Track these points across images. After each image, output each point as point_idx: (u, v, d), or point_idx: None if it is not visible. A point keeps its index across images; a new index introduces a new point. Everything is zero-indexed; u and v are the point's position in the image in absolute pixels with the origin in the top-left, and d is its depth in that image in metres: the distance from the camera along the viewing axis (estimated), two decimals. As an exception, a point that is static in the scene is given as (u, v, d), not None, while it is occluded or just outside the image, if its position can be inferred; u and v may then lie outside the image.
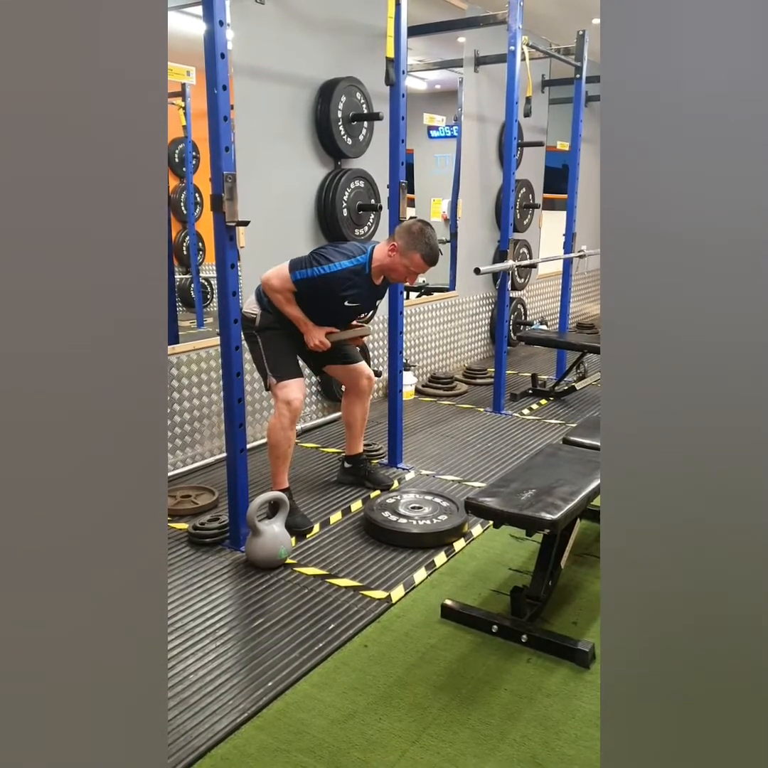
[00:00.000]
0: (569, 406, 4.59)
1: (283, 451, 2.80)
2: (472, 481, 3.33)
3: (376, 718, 1.82)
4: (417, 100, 6.13)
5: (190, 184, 4.64)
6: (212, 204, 2.35)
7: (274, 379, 2.79)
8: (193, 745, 1.72)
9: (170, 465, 3.29)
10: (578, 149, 4.85)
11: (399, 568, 2.54)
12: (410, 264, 2.70)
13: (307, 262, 2.70)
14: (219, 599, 2.34)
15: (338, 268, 2.67)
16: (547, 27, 5.55)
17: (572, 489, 2.16)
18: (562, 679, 1.97)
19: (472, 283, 5.41)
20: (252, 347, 2.86)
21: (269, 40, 3.40)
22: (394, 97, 3.14)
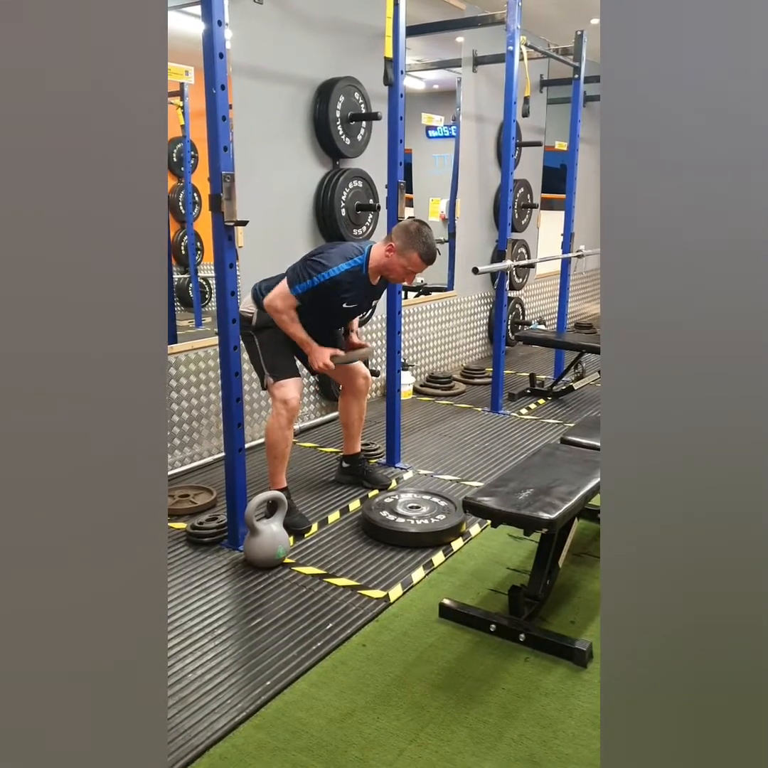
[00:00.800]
0: (567, 405, 4.60)
1: (281, 450, 2.80)
2: (470, 480, 3.33)
3: (375, 717, 1.82)
4: (415, 99, 6.13)
5: (188, 183, 4.63)
6: (211, 204, 2.35)
7: (271, 379, 2.79)
8: (191, 743, 1.72)
9: (169, 464, 3.29)
10: (576, 149, 4.86)
11: (397, 567, 2.54)
12: (408, 264, 2.70)
13: (305, 273, 2.67)
14: (217, 599, 2.34)
15: (337, 272, 2.66)
16: (546, 27, 5.56)
17: (570, 488, 2.16)
18: (560, 678, 1.97)
19: (470, 282, 5.41)
20: (249, 347, 2.85)
21: (267, 39, 3.40)
22: (393, 97, 3.14)
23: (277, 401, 2.77)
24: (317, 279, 2.65)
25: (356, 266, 2.71)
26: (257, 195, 3.43)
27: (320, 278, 2.65)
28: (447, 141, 6.14)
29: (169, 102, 4.13)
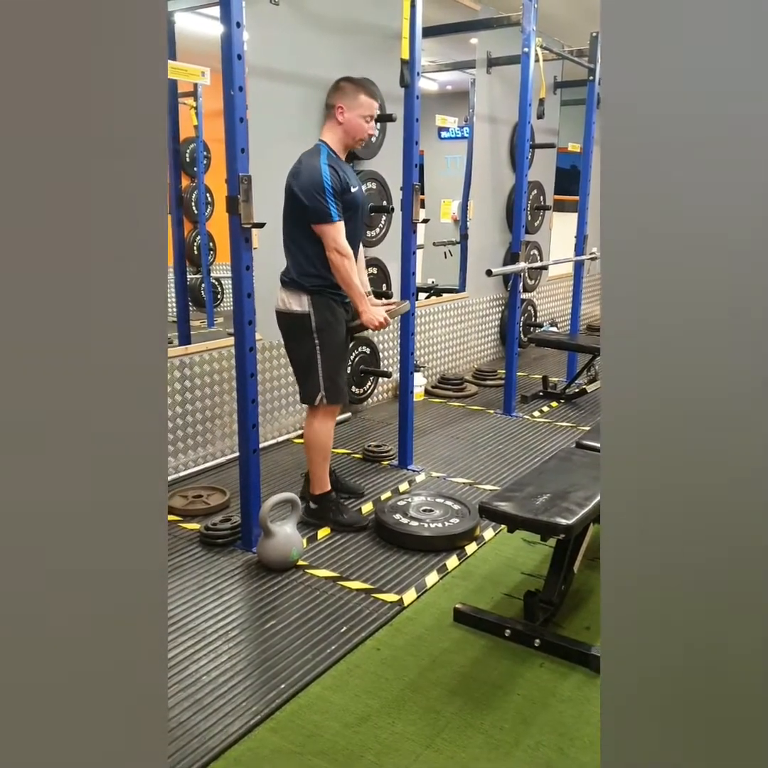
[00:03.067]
0: (580, 408, 4.58)
1: (329, 449, 2.83)
2: (483, 483, 3.32)
3: (390, 722, 1.81)
4: (428, 101, 6.11)
5: (201, 183, 4.65)
6: (228, 206, 2.36)
7: (326, 400, 2.73)
8: (207, 746, 1.72)
9: (182, 465, 3.29)
10: (590, 151, 4.84)
11: (411, 571, 2.54)
12: (361, 109, 2.69)
13: (317, 199, 2.55)
14: (231, 600, 2.34)
15: (325, 170, 2.57)
16: (560, 28, 5.53)
17: (587, 494, 2.15)
18: (576, 685, 1.96)
19: (482, 284, 5.40)
20: (301, 350, 2.73)
21: (283, 41, 3.40)
22: (409, 99, 3.13)
23: (324, 416, 2.77)
24: (327, 187, 2.55)
25: (325, 152, 2.64)
26: (271, 196, 3.42)
27: (327, 186, 2.55)
28: (459, 142, 6.14)
29: (183, 102, 4.14)
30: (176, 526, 2.83)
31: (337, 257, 2.60)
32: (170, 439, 3.22)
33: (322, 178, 2.56)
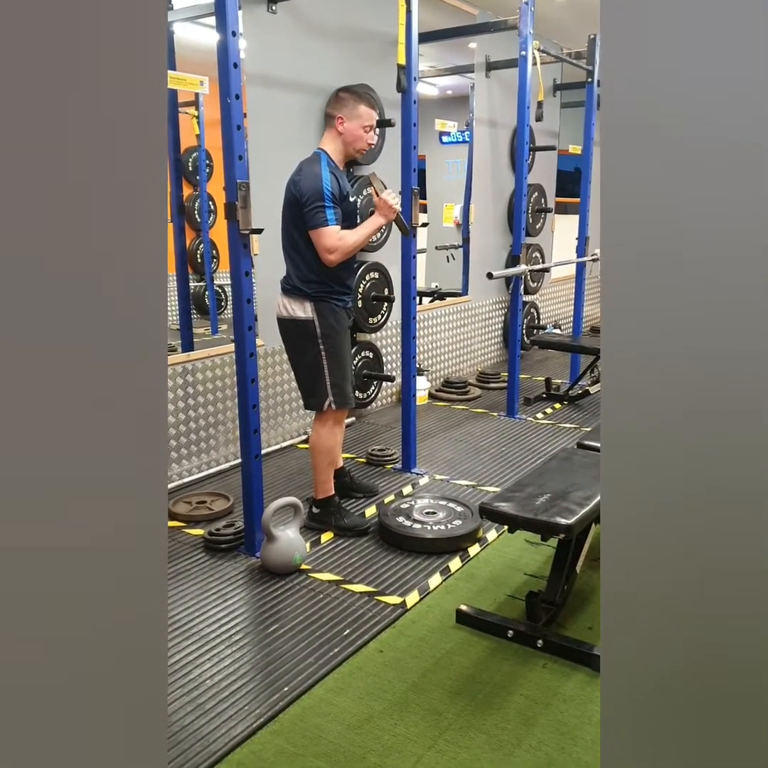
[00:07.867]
0: (583, 410, 4.58)
1: (335, 454, 2.86)
2: (486, 485, 3.33)
3: (392, 724, 1.82)
4: (428, 105, 6.15)
5: (203, 192, 4.68)
6: (226, 212, 2.37)
7: (334, 405, 2.75)
8: (210, 750, 1.72)
9: (185, 471, 3.31)
10: (591, 153, 4.85)
11: (413, 573, 2.54)
12: (361, 119, 2.69)
13: (316, 205, 2.57)
14: (234, 605, 2.35)
15: (326, 176, 2.60)
16: (558, 31, 5.55)
17: (587, 493, 2.15)
18: (579, 685, 1.96)
19: (484, 287, 5.41)
20: (306, 356, 2.73)
21: (281, 48, 3.43)
22: (406, 104, 3.15)
23: (332, 422, 2.79)
24: (327, 193, 2.57)
25: (324, 160, 2.66)
26: (271, 203, 3.44)
27: (327, 191, 2.57)
28: (460, 146, 6.16)
29: (185, 111, 4.18)
30: (180, 531, 2.85)
31: (332, 257, 2.62)
32: (174, 446, 3.24)
33: (322, 184, 2.58)
